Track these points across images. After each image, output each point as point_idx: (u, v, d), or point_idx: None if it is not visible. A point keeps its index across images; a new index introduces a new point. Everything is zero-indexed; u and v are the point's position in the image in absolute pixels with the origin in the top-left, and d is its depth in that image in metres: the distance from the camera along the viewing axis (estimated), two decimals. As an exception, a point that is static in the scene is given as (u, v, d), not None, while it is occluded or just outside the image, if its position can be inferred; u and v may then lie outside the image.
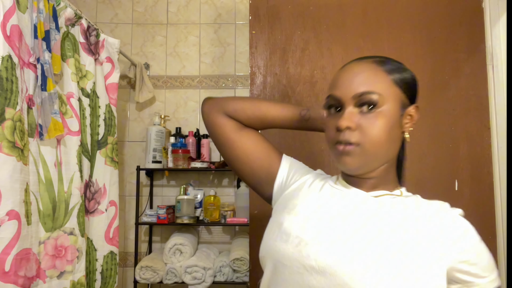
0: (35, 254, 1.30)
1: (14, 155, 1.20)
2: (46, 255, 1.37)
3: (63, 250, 1.44)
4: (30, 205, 1.29)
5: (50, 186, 1.40)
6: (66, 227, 1.47)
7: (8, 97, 1.20)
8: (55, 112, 1.38)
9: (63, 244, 1.44)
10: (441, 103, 1.39)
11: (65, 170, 1.48)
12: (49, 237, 1.38)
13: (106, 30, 2.36)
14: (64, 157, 1.49)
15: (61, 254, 1.43)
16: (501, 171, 1.33)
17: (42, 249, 1.35)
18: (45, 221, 1.37)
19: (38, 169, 1.35)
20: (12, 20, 1.23)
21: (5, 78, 1.19)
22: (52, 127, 1.36)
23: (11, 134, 1.19)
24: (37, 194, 1.34)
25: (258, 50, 1.44)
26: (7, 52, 1.21)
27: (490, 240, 1.32)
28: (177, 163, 2.12)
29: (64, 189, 1.46)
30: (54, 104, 1.37)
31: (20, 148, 1.23)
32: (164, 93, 2.40)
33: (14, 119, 1.22)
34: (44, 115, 1.34)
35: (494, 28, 1.39)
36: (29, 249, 1.26)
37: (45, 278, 1.36)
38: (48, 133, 1.35)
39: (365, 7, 1.44)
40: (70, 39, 1.59)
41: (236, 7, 2.43)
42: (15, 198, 1.19)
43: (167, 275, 2.00)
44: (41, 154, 1.36)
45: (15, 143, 1.20)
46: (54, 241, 1.41)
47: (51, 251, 1.39)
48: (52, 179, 1.40)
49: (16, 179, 1.20)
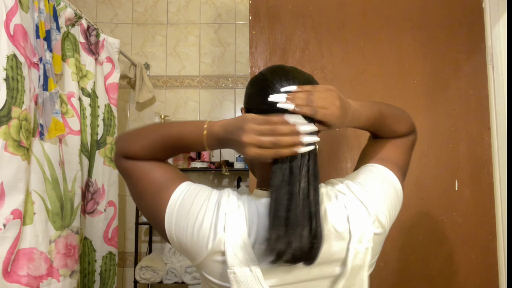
0: (43, 253, 1.29)
1: (19, 154, 1.20)
2: (58, 254, 1.37)
3: (72, 249, 1.45)
4: (33, 205, 1.29)
5: (56, 185, 1.40)
6: (73, 226, 1.47)
7: (14, 96, 1.20)
8: (56, 112, 1.38)
9: (71, 243, 1.45)
10: (441, 103, 1.39)
11: (68, 170, 1.48)
12: (60, 236, 1.38)
13: (106, 30, 2.36)
14: (66, 157, 1.49)
15: (71, 253, 1.44)
16: (501, 171, 1.33)
17: (53, 248, 1.35)
18: (54, 220, 1.37)
19: (43, 168, 1.35)
20: (15, 20, 1.23)
21: (11, 77, 1.19)
22: (53, 127, 1.36)
23: (17, 133, 1.19)
24: (43, 193, 1.34)
25: (258, 50, 1.44)
26: (12, 51, 1.21)
27: (490, 240, 1.32)
28: (177, 163, 2.12)
29: (68, 188, 1.47)
30: (55, 104, 1.38)
31: (25, 147, 1.23)
32: (164, 93, 2.40)
33: (20, 118, 1.22)
34: (45, 115, 1.34)
35: (494, 28, 1.39)
36: (33, 248, 1.26)
37: (59, 277, 1.36)
38: (49, 133, 1.35)
39: (365, 7, 1.44)
40: (70, 39, 1.59)
41: (236, 7, 2.43)
42: (19, 197, 1.20)
43: (167, 275, 2.00)
44: (45, 153, 1.36)
45: (20, 142, 1.20)
46: (65, 240, 1.41)
47: (62, 250, 1.39)
48: (58, 178, 1.41)
49: (20, 179, 1.20)
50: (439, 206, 1.34)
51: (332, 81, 1.41)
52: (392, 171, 0.75)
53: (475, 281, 1.31)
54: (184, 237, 0.65)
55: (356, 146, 1.37)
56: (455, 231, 1.33)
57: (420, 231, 1.34)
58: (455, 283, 1.32)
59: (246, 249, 0.62)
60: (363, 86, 1.41)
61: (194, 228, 0.64)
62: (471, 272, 1.31)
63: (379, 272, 1.31)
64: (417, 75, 1.41)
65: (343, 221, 0.66)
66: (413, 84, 1.40)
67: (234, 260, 0.61)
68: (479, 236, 1.32)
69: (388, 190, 0.73)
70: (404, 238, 1.33)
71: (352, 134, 1.38)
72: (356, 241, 0.65)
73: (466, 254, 1.32)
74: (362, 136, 1.38)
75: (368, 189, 0.70)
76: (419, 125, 1.39)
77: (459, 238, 1.32)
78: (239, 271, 0.61)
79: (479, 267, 1.32)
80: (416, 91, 1.39)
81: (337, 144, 1.38)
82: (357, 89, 1.41)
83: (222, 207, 0.64)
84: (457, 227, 1.32)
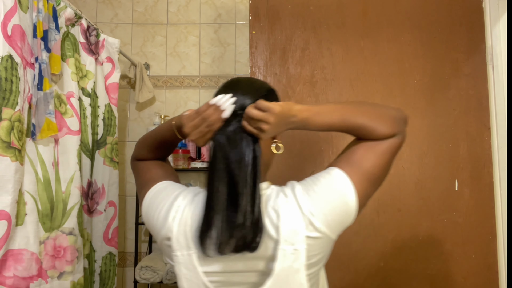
0: (34, 253, 1.29)
1: (8, 155, 1.19)
2: (46, 255, 1.36)
3: (61, 250, 1.44)
4: (24, 206, 1.28)
5: (48, 186, 1.39)
6: (64, 227, 1.46)
7: (6, 97, 1.20)
8: (50, 112, 1.37)
9: (61, 245, 1.44)
10: (441, 103, 1.39)
11: (63, 170, 1.47)
12: (48, 237, 1.38)
13: (106, 30, 2.36)
14: (63, 157, 1.47)
15: (60, 254, 1.43)
16: (501, 171, 1.33)
17: (42, 249, 1.35)
18: (44, 221, 1.37)
19: (36, 169, 1.34)
20: (14, 20, 1.23)
21: (4, 78, 1.19)
22: (46, 127, 1.35)
23: (7, 134, 1.18)
24: (35, 194, 1.33)
25: (258, 50, 1.44)
26: (7, 52, 1.20)
27: (490, 240, 1.32)
28: (177, 163, 2.12)
29: (62, 189, 1.45)
30: (49, 104, 1.36)
31: (16, 148, 1.22)
32: (164, 93, 2.40)
33: (12, 119, 1.21)
34: (38, 115, 1.33)
35: (494, 28, 1.39)
36: (22, 249, 1.25)
37: (47, 278, 1.35)
38: (41, 133, 1.33)
39: (365, 7, 1.44)
40: (70, 39, 1.59)
41: (236, 7, 2.43)
42: (6, 198, 1.18)
43: (167, 275, 2.00)
44: (39, 153, 1.35)
45: (10, 143, 1.20)
46: (53, 242, 1.40)
47: (50, 251, 1.39)
48: (50, 179, 1.40)
49: (8, 180, 1.19)
50: (439, 206, 1.34)
51: (332, 81, 1.41)
52: (351, 178, 0.71)
53: (475, 281, 1.31)
54: (151, 225, 0.79)
55: (356, 146, 1.38)
56: (455, 231, 1.33)
57: (420, 231, 1.34)
58: (455, 283, 1.32)
59: (187, 236, 0.72)
60: (363, 86, 1.41)
61: (154, 217, 0.77)
62: (471, 272, 1.32)
63: (379, 272, 1.31)
64: (417, 75, 1.41)
65: (274, 220, 0.70)
66: (413, 84, 1.40)
67: (177, 245, 0.72)
68: (479, 236, 1.32)
69: (333, 199, 0.71)
70: (404, 238, 1.34)
71: (352, 134, 1.39)
72: (283, 241, 0.68)
73: (466, 254, 1.32)
74: (362, 136, 1.39)
75: (311, 194, 0.71)
76: (419, 125, 1.40)
77: (459, 238, 1.32)
78: (180, 255, 0.72)
79: (479, 267, 1.32)
80: (416, 91, 1.39)
81: (337, 144, 1.38)
82: (357, 89, 1.41)
83: (177, 201, 0.76)
84: (457, 227, 1.32)
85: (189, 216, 0.73)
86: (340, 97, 1.41)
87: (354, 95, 1.40)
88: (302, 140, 1.39)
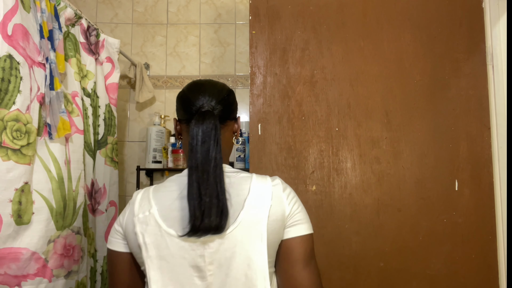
0: (36, 253, 1.29)
1: None
2: (54, 254, 1.36)
3: (71, 249, 1.44)
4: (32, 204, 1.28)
5: (61, 184, 1.40)
6: (74, 226, 1.46)
7: (1, 97, 1.20)
8: (63, 111, 1.39)
9: (71, 243, 1.44)
10: (441, 103, 1.39)
11: (73, 169, 1.48)
12: (59, 236, 1.38)
13: (106, 30, 2.37)
14: (73, 156, 1.49)
15: (70, 253, 1.43)
16: (501, 171, 1.33)
17: (51, 248, 1.34)
18: (57, 219, 1.36)
19: (49, 167, 1.35)
20: (15, 19, 1.23)
21: (0, 78, 1.19)
22: (61, 126, 1.37)
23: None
24: (49, 192, 1.33)
25: (258, 50, 1.44)
26: (6, 52, 1.20)
27: (490, 240, 1.32)
28: (177, 163, 2.12)
29: (72, 188, 1.46)
30: (61, 103, 1.38)
31: (9, 147, 1.21)
32: (164, 93, 2.40)
33: (6, 119, 1.21)
34: (52, 114, 1.34)
35: (494, 28, 1.39)
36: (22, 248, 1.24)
37: (51, 277, 1.35)
38: (58, 132, 1.35)
39: (365, 7, 1.44)
40: (71, 39, 1.59)
41: (236, 7, 2.43)
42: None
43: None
44: (50, 152, 1.36)
45: (2, 143, 1.19)
46: (64, 240, 1.40)
47: (60, 250, 1.38)
48: (63, 177, 1.41)
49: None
50: (439, 206, 1.34)
51: (332, 81, 1.41)
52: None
53: (475, 281, 1.31)
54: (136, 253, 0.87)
55: (356, 146, 1.38)
56: (455, 231, 1.33)
57: (420, 231, 1.34)
58: (455, 283, 1.32)
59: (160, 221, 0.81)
60: (363, 86, 1.41)
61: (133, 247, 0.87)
62: (471, 272, 1.32)
63: (379, 272, 1.31)
64: (417, 75, 1.41)
65: (241, 195, 0.81)
66: (413, 84, 1.40)
67: (139, 210, 0.82)
68: (479, 236, 1.32)
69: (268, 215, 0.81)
70: (404, 238, 1.34)
71: (352, 134, 1.39)
72: (248, 206, 0.79)
73: (466, 254, 1.32)
74: (362, 136, 1.39)
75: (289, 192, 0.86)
76: (419, 125, 1.40)
77: (459, 238, 1.32)
78: (142, 216, 0.81)
79: (479, 267, 1.32)
80: (416, 91, 1.39)
81: (337, 144, 1.38)
82: (357, 89, 1.41)
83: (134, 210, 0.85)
84: (457, 227, 1.32)
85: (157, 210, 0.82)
86: (340, 97, 1.41)
87: (354, 95, 1.40)
88: (302, 140, 1.39)
